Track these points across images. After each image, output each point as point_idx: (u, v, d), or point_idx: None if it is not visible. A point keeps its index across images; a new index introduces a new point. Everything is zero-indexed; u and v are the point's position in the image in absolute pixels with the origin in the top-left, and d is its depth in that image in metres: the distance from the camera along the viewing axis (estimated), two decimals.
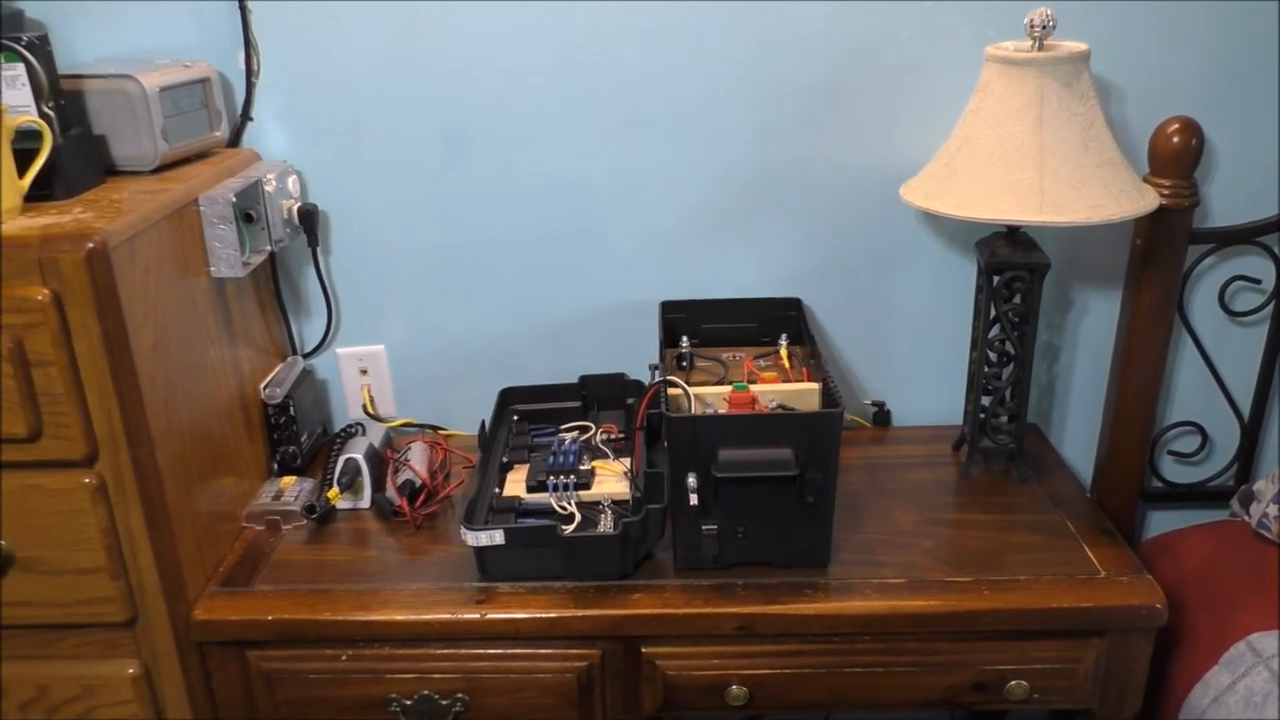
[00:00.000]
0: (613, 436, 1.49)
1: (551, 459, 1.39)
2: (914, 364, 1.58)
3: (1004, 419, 1.43)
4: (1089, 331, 1.55)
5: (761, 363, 1.44)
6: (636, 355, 1.55)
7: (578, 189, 1.48)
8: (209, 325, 1.29)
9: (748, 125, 1.44)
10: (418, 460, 1.43)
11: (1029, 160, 1.21)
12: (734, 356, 1.46)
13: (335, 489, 1.35)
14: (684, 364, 1.43)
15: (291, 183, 1.42)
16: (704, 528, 1.22)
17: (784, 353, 1.44)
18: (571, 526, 1.27)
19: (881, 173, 1.45)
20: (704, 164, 1.47)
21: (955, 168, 1.27)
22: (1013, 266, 1.33)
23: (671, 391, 1.28)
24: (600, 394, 1.57)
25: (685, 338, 1.45)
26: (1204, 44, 1.39)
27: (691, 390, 1.29)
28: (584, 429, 1.51)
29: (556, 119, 1.44)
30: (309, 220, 1.44)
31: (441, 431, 1.61)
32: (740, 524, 1.22)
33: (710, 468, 1.18)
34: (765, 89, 1.42)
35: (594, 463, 1.40)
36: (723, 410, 1.29)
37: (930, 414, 1.60)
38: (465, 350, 1.58)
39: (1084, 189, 1.20)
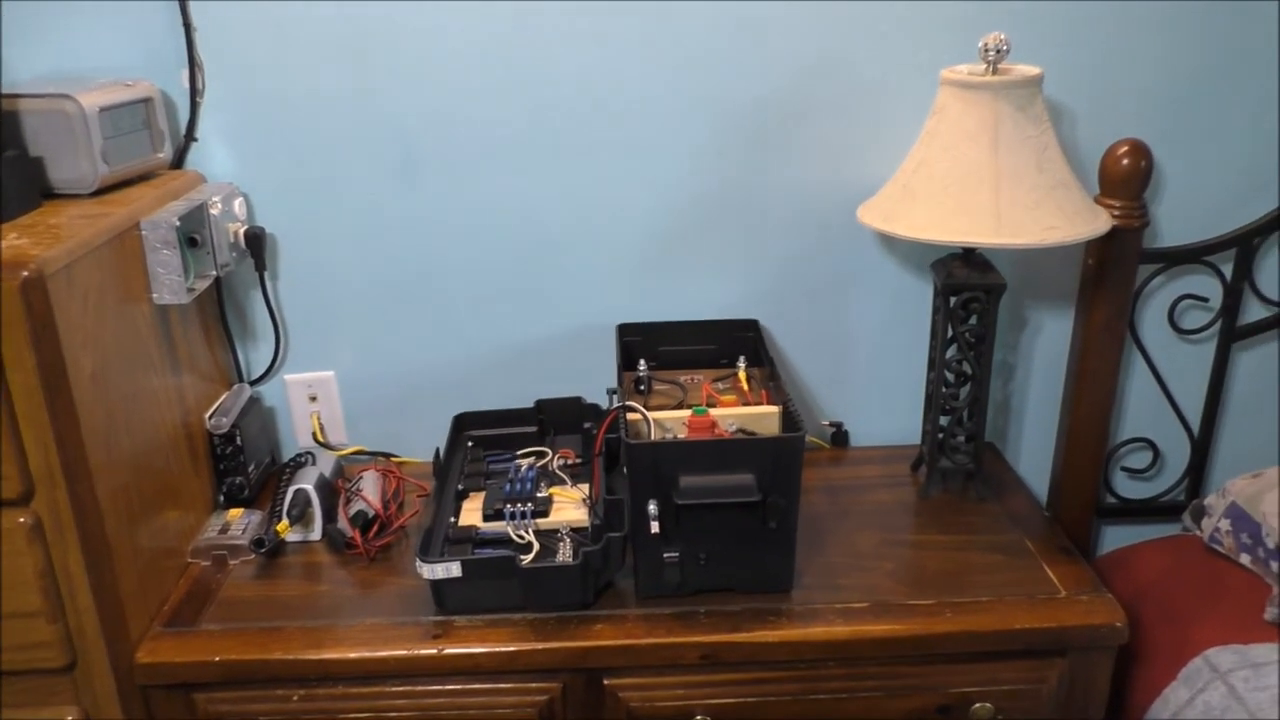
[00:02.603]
0: (570, 462, 1.47)
1: (508, 486, 1.37)
2: (871, 384, 1.58)
3: (961, 439, 1.43)
4: (1043, 350, 1.57)
5: (720, 385, 1.42)
6: (593, 379, 1.53)
7: (532, 210, 1.46)
8: (151, 353, 1.25)
9: (704, 146, 1.44)
10: (370, 490, 1.39)
11: (985, 182, 1.21)
12: (692, 379, 1.45)
13: (284, 521, 1.30)
14: (642, 388, 1.42)
15: (238, 205, 1.38)
16: (665, 555, 1.20)
17: (742, 375, 1.43)
18: (530, 556, 1.25)
19: (838, 194, 1.45)
20: (660, 185, 1.46)
21: (912, 189, 1.27)
22: (969, 287, 1.33)
23: (630, 416, 1.26)
24: (557, 418, 1.54)
25: (643, 361, 1.44)
26: (1153, 67, 1.41)
27: (650, 415, 1.27)
28: (540, 454, 1.48)
29: (510, 140, 1.42)
30: (256, 244, 1.40)
31: (394, 459, 1.57)
32: (702, 550, 1.20)
33: (671, 494, 1.16)
34: (722, 109, 1.42)
35: (551, 490, 1.38)
36: (682, 435, 1.28)
37: (888, 434, 1.60)
38: (418, 375, 1.55)
39: (1039, 211, 1.21)
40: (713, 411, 1.28)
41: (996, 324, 1.35)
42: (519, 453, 1.50)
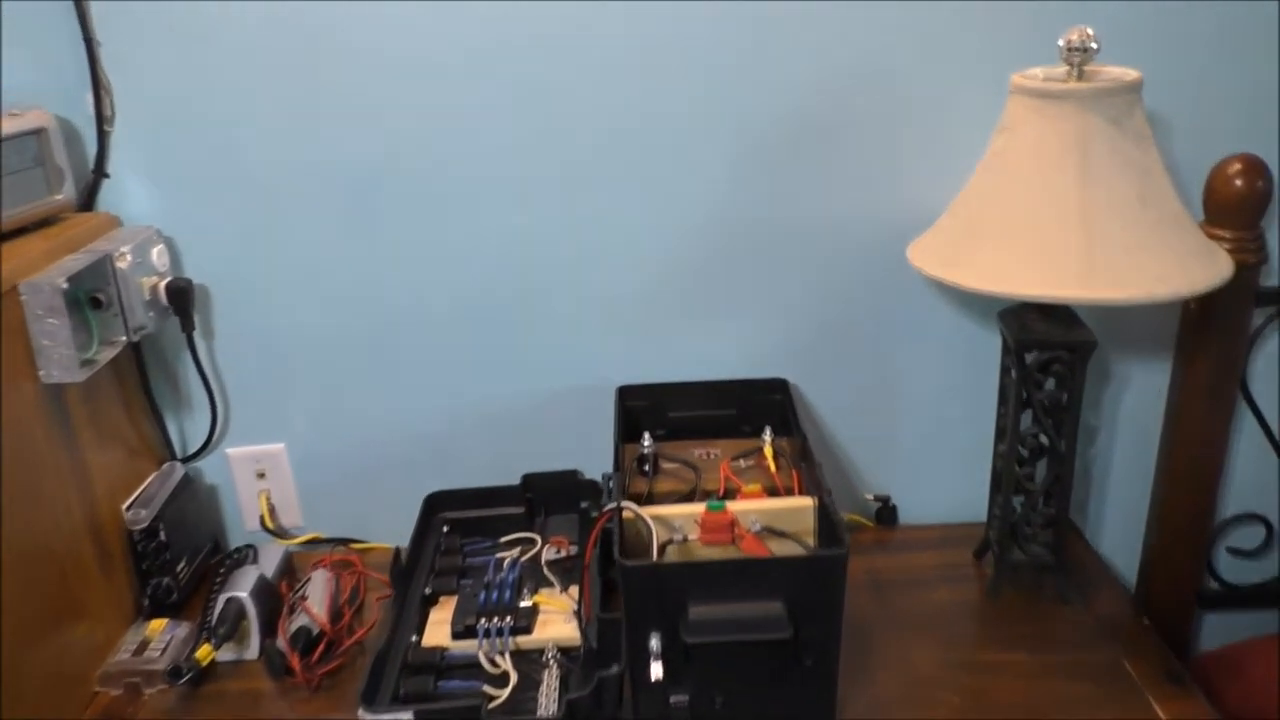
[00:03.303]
0: (563, 553, 1.22)
1: (483, 594, 1.12)
2: (923, 453, 1.32)
3: (1038, 525, 1.16)
4: (1131, 408, 1.30)
5: (742, 463, 1.17)
6: (591, 449, 1.29)
7: (516, 252, 1.22)
8: (39, 441, 1.02)
9: (721, 172, 1.19)
10: (317, 597, 1.15)
11: (1072, 219, 0.95)
12: (708, 455, 1.20)
13: (208, 645, 1.07)
14: (646, 468, 1.17)
15: (157, 254, 1.15)
16: (672, 699, 0.95)
17: (769, 451, 1.17)
18: (505, 693, 1.00)
19: (883, 228, 1.20)
20: (669, 220, 1.21)
21: (977, 227, 1.01)
22: (1049, 345, 1.07)
23: (627, 515, 1.01)
24: (548, 496, 1.30)
25: (647, 434, 1.19)
26: (1267, 68, 1.14)
27: (654, 514, 1.02)
28: (528, 543, 1.24)
29: (488, 168, 1.18)
30: (181, 299, 1.17)
31: (356, 545, 1.33)
32: (719, 693, 0.95)
33: (679, 627, 0.91)
34: (743, 128, 1.17)
35: (537, 596, 1.13)
36: (694, 536, 1.03)
37: (944, 509, 1.34)
38: (384, 447, 1.31)
39: (1143, 254, 0.95)
40: (732, 506, 1.03)
41: (1083, 388, 1.09)
42: (503, 540, 1.26)
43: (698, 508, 1.03)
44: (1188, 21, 1.12)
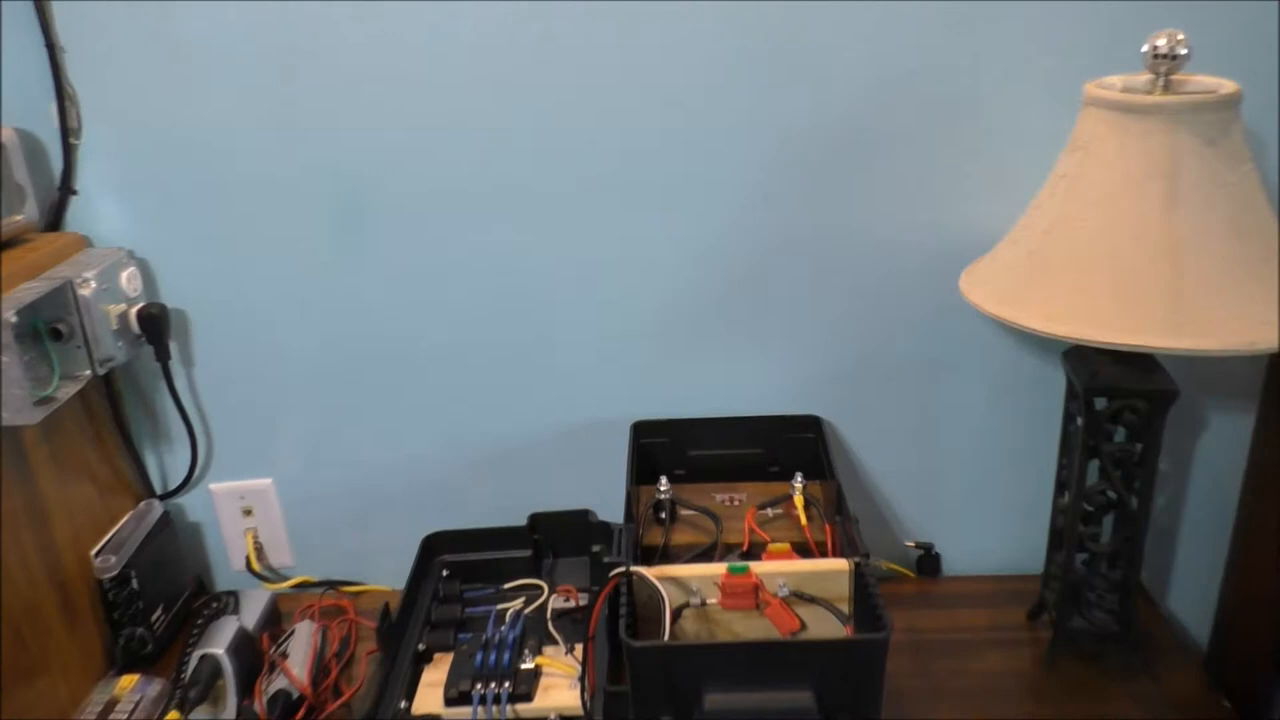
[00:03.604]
0: (572, 602, 1.11)
1: (480, 654, 1.01)
2: (971, 498, 1.20)
3: (1102, 590, 1.04)
4: (1209, 458, 1.16)
5: (769, 513, 1.06)
6: (604, 487, 1.17)
7: (521, 274, 1.11)
8: None
9: (753, 185, 1.06)
10: (299, 654, 1.05)
11: (1157, 254, 0.82)
12: (731, 501, 1.09)
13: (175, 714, 0.97)
14: (662, 515, 1.05)
15: (127, 278, 1.05)
16: None
17: (799, 499, 1.05)
18: None
19: (931, 251, 1.07)
20: (690, 239, 1.09)
21: (1044, 259, 0.88)
22: (1123, 393, 0.94)
23: (639, 576, 0.89)
24: (557, 538, 1.19)
25: (664, 479, 1.07)
26: None
27: (671, 573, 0.91)
28: (534, 591, 1.13)
29: (490, 182, 1.07)
30: (154, 326, 1.07)
31: (350, 589, 1.23)
32: None
33: (692, 716, 0.80)
34: (776, 136, 1.04)
35: (540, 658, 1.02)
36: (713, 600, 0.91)
37: (992, 560, 1.21)
38: (380, 483, 1.21)
39: (1239, 297, 0.82)
40: (757, 568, 0.92)
41: (1161, 440, 0.95)
42: (507, 586, 1.15)
43: (718, 569, 0.92)
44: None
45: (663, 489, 1.06)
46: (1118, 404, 0.94)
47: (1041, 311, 0.86)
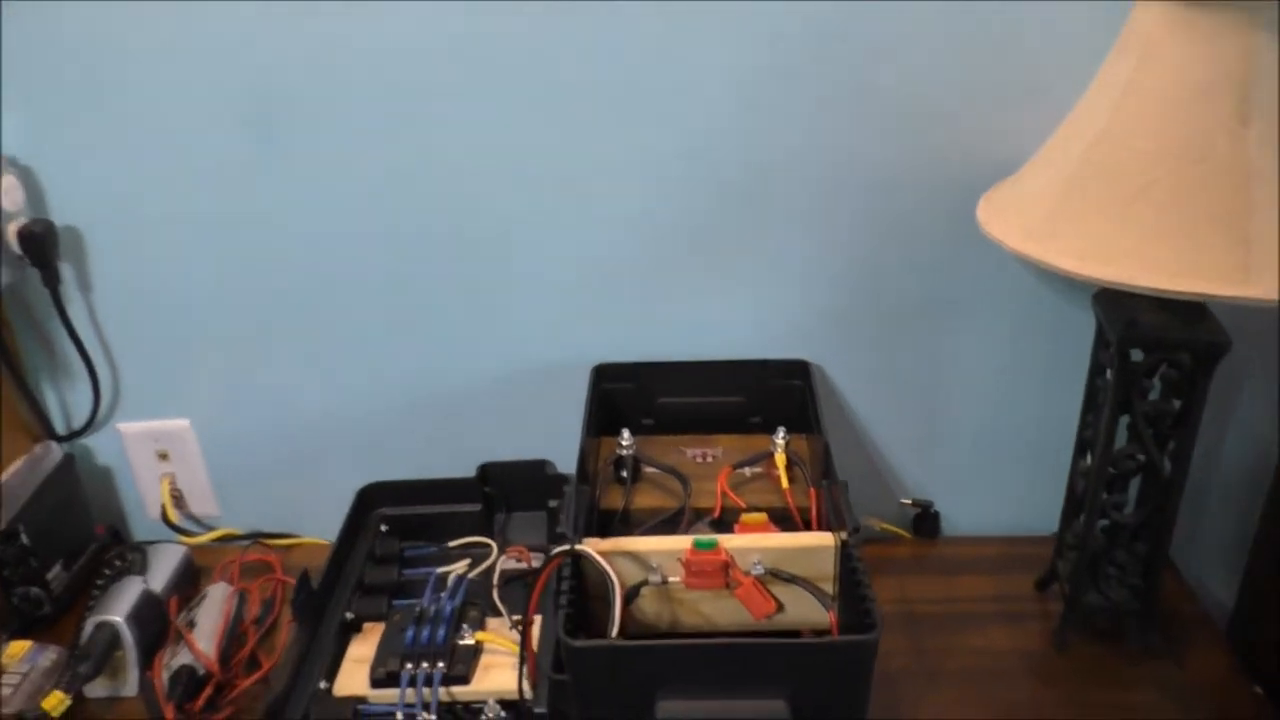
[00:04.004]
0: (524, 564, 0.99)
1: (413, 628, 0.89)
2: (977, 452, 1.07)
3: (1124, 564, 0.91)
4: (1245, 415, 1.02)
5: (746, 472, 0.92)
6: (564, 436, 1.02)
7: (469, 193, 0.96)
8: None
9: (734, 91, 0.91)
10: (208, 624, 0.92)
11: (1224, 183, 0.67)
12: (704, 457, 0.95)
13: (58, 694, 0.84)
14: (623, 474, 0.92)
15: (6, 190, 0.90)
16: None
17: (780, 458, 0.92)
18: None
19: (942, 171, 0.92)
20: (665, 154, 0.93)
21: (1082, 185, 0.73)
22: (1167, 345, 0.80)
23: (588, 555, 0.76)
24: (511, 492, 1.06)
25: (626, 430, 0.93)
26: None
27: (628, 546, 0.78)
28: (482, 551, 1.01)
29: (430, 86, 0.91)
30: (39, 247, 0.92)
31: (279, 542, 1.10)
32: None
33: None
34: (763, 36, 0.88)
35: (481, 633, 0.89)
36: (676, 580, 0.78)
37: (996, 520, 1.09)
38: (313, 427, 1.07)
39: None
40: (728, 541, 0.79)
41: (1205, 399, 0.81)
42: (452, 544, 1.02)
43: (682, 543, 0.79)
44: None
45: (624, 443, 0.93)
46: (1157, 356, 0.80)
47: (1075, 249, 0.71)
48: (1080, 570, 0.91)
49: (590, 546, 0.77)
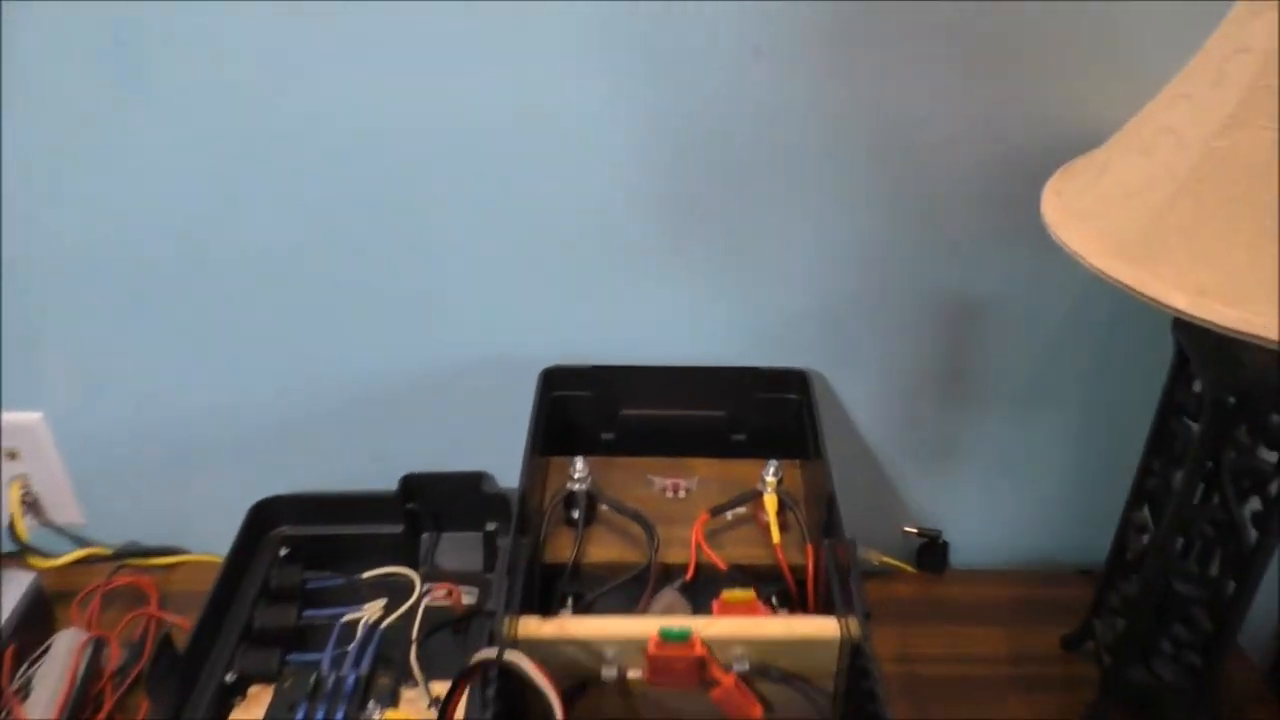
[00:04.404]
0: (451, 603, 0.81)
1: (304, 709, 0.71)
2: (997, 473, 0.90)
3: (1182, 639, 0.75)
4: None
5: (729, 517, 0.74)
6: (505, 445, 0.84)
7: (393, 149, 0.75)
8: None
9: (733, 36, 0.70)
10: (46, 689, 0.74)
11: None
12: (676, 491, 0.77)
13: None
14: (574, 514, 0.74)
15: None
16: None
17: (770, 500, 0.74)
18: None
19: (991, 139, 0.73)
20: (640, 109, 0.73)
21: (1200, 192, 0.54)
22: (1263, 390, 0.62)
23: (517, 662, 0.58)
24: (440, 509, 0.88)
25: (579, 461, 0.75)
26: None
27: (574, 632, 0.60)
28: (401, 583, 0.83)
29: (342, 23, 0.69)
30: None
31: (161, 561, 0.91)
32: None
33: None
34: None
35: (390, 712, 0.72)
36: (637, 673, 0.61)
37: (1012, 546, 0.93)
38: (200, 426, 0.88)
39: None
40: (703, 629, 0.61)
41: None
42: (366, 576, 0.84)
43: (645, 628, 0.61)
44: None
45: (577, 474, 0.74)
46: (1261, 415, 0.62)
47: (1188, 278, 0.53)
48: (1128, 643, 0.75)
49: (529, 627, 0.59)
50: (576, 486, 0.74)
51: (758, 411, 0.81)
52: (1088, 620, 0.83)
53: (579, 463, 0.74)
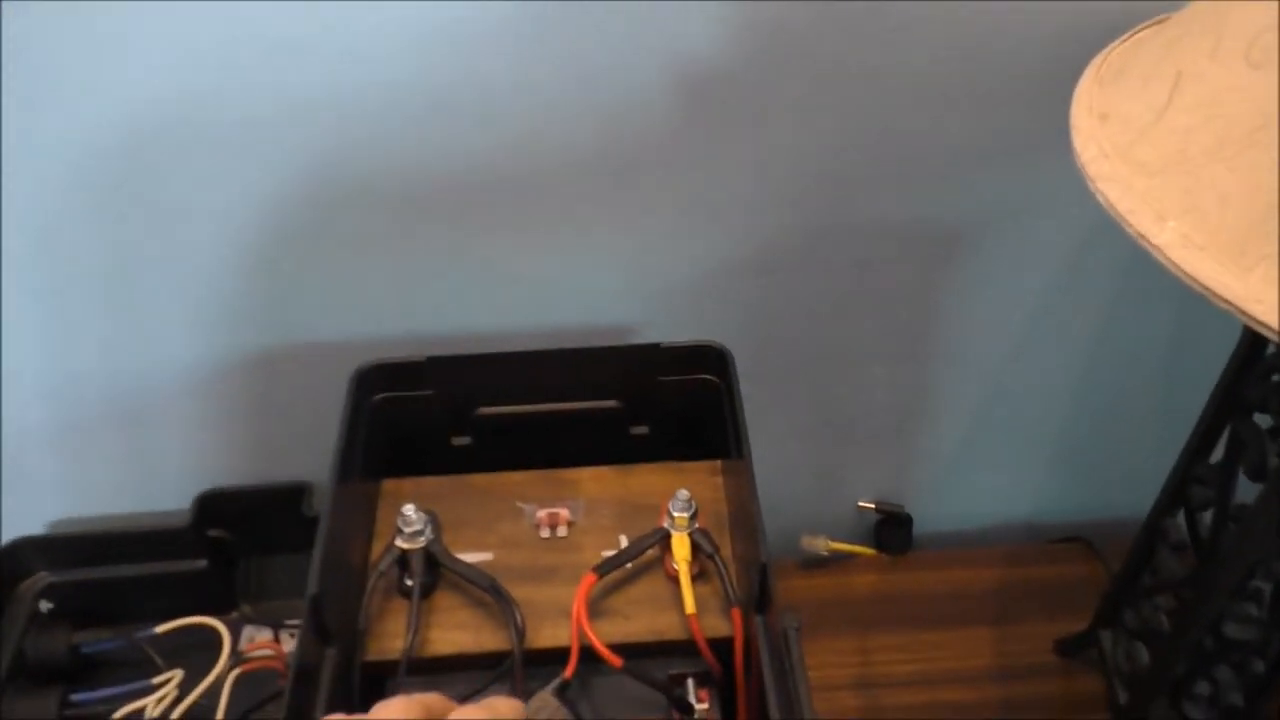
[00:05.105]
0: (275, 664, 0.62)
1: None
2: (972, 434, 0.71)
3: (1228, 683, 0.58)
4: None
5: (629, 568, 0.54)
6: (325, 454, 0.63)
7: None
8: None
9: None
10: None
11: None
12: (553, 527, 0.56)
13: None
14: (408, 584, 0.52)
15: None
16: None
17: (680, 543, 0.53)
18: None
19: (981, 30, 0.49)
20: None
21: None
22: None
23: None
24: (254, 535, 0.68)
25: (410, 508, 0.53)
26: None
27: None
28: (204, 641, 0.62)
29: None
30: None
31: None
32: None
33: None
34: None
35: None
36: None
37: (986, 512, 0.75)
38: None
39: None
40: None
41: None
42: (160, 631, 0.64)
43: None
44: None
45: (408, 528, 0.52)
46: None
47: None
48: (1154, 682, 0.58)
49: None
50: (407, 545, 0.52)
51: (664, 401, 0.59)
52: (1092, 629, 0.65)
53: (410, 511, 0.52)
